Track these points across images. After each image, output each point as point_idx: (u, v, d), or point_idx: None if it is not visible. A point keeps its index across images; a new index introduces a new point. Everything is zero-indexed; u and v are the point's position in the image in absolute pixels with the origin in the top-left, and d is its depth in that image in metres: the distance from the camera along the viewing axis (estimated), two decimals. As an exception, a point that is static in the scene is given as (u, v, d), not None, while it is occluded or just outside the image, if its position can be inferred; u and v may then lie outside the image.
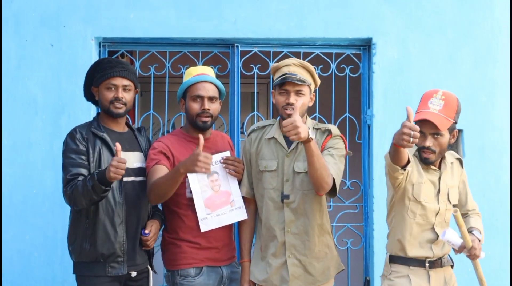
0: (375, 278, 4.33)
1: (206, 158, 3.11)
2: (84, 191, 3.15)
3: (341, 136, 3.42)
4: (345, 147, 3.42)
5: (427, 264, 3.29)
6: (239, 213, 3.45)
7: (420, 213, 3.30)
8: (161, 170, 3.31)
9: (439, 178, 3.33)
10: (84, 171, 3.25)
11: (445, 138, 3.25)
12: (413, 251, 3.30)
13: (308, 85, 3.34)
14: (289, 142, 3.39)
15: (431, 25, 4.55)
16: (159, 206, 3.59)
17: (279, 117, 3.46)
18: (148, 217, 3.47)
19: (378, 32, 4.52)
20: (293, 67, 3.34)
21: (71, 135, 3.33)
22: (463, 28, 4.55)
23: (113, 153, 3.30)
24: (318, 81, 3.45)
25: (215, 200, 3.40)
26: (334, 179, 3.21)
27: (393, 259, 3.37)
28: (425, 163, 3.30)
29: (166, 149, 3.40)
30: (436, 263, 3.31)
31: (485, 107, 4.52)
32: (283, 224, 3.37)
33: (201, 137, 3.19)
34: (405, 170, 3.16)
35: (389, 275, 3.36)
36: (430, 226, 3.31)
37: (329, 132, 3.38)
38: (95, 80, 3.41)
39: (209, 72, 3.52)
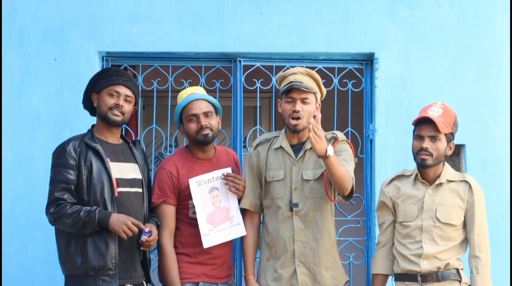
0: (377, 293, 4.32)
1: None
2: (75, 222, 3.17)
3: (346, 141, 3.46)
4: (352, 150, 3.45)
5: (419, 278, 3.30)
6: (238, 229, 3.47)
7: (404, 232, 3.35)
8: (169, 217, 3.42)
9: (425, 194, 3.35)
10: (71, 188, 3.24)
11: (443, 144, 3.29)
12: (402, 265, 3.33)
13: (314, 94, 3.38)
14: (296, 151, 3.42)
15: (433, 40, 4.56)
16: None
17: (284, 128, 3.49)
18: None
19: (380, 47, 4.53)
20: (300, 75, 3.38)
21: (62, 148, 3.29)
22: (465, 43, 4.57)
23: (104, 165, 3.26)
24: (324, 91, 3.50)
25: (216, 216, 3.42)
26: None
27: (395, 277, 3.43)
28: (422, 166, 3.32)
29: (174, 176, 3.42)
30: (430, 277, 3.30)
31: (487, 122, 4.53)
32: (292, 232, 3.38)
33: None
34: None
35: None
36: (419, 244, 3.31)
37: (335, 138, 3.42)
38: (98, 85, 3.37)
39: (198, 90, 3.53)
